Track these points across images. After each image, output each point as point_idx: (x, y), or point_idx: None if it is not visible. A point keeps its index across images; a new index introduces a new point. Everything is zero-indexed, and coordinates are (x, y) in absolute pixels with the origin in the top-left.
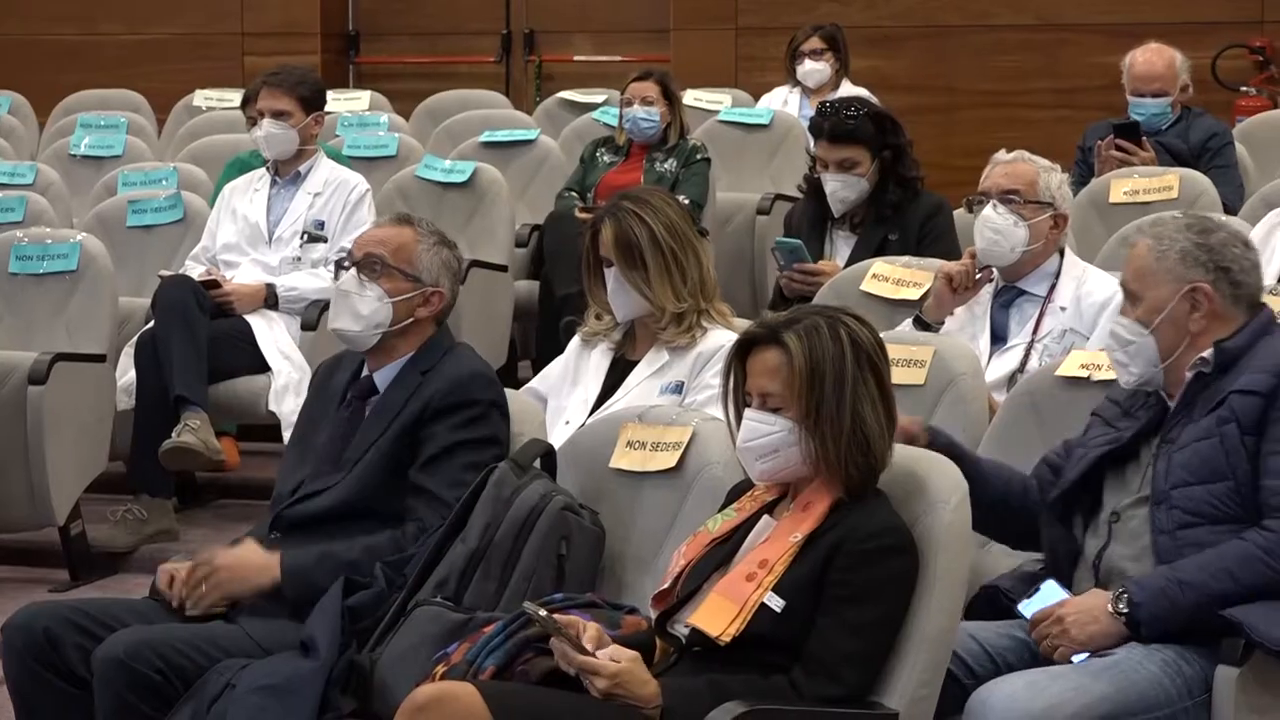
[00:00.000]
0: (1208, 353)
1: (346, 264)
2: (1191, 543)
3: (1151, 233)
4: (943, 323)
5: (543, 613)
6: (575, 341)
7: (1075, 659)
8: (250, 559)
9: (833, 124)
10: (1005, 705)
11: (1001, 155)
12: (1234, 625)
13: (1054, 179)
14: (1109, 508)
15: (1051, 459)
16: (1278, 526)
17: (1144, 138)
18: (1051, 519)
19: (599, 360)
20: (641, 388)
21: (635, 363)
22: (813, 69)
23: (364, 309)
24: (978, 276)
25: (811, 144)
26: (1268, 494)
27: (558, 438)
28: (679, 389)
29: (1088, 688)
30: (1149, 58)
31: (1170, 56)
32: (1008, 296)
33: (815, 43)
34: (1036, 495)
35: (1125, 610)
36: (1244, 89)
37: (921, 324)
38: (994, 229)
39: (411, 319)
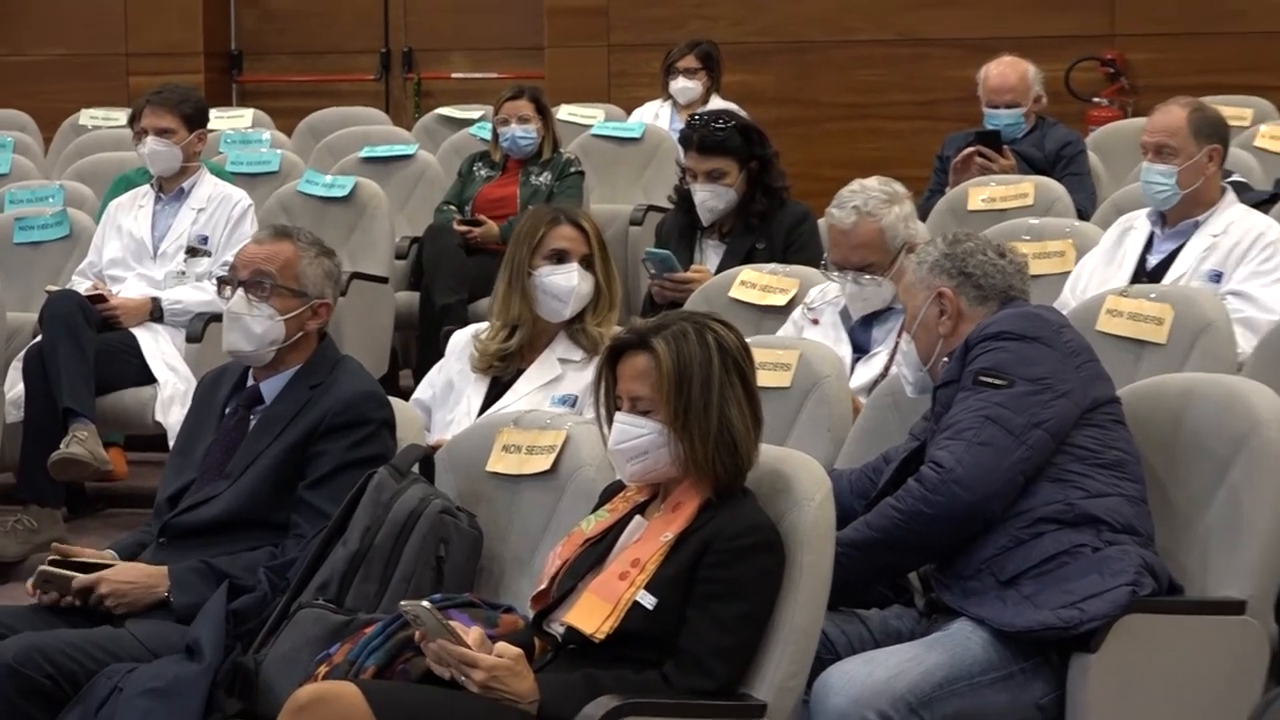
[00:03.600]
0: (946, 358)
1: (233, 283)
2: None
3: (917, 250)
4: None
5: (425, 605)
6: (456, 355)
7: None
8: (138, 580)
9: (701, 136)
10: (847, 681)
11: (842, 222)
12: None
13: (900, 226)
14: None
15: (889, 454)
16: (911, 481)
17: (1004, 146)
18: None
19: (479, 378)
20: (529, 399)
21: (518, 375)
22: (686, 86)
23: (257, 329)
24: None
25: (682, 156)
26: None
27: None
28: (574, 402)
29: (922, 658)
30: (1003, 70)
31: (1024, 69)
32: (870, 316)
33: (691, 61)
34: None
35: None
36: (1096, 100)
37: None
38: (863, 299)
39: (301, 333)
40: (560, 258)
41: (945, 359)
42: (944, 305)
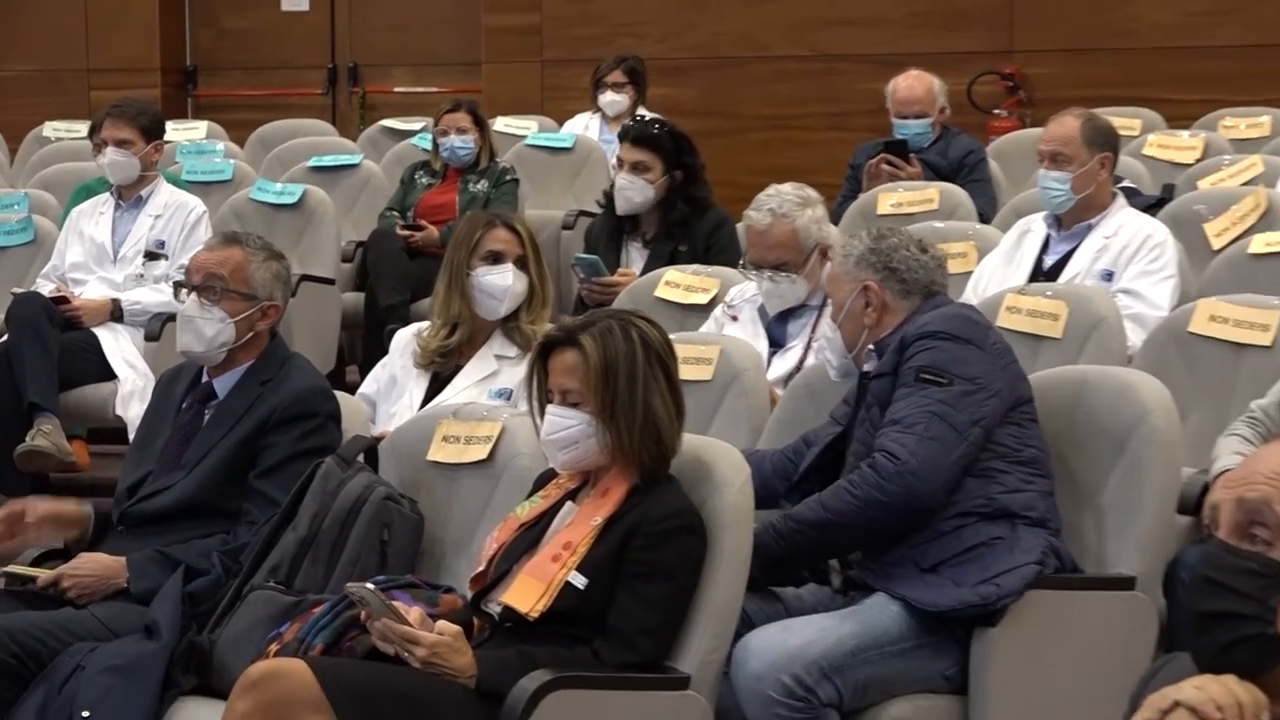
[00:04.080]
0: (871, 347)
1: (187, 287)
2: None
3: (843, 243)
4: None
5: (369, 587)
6: (400, 352)
7: None
8: (99, 573)
9: (638, 129)
10: (765, 647)
11: (759, 224)
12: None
13: (813, 228)
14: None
15: (809, 437)
16: (865, 468)
17: (911, 154)
18: (795, 500)
19: (420, 373)
20: (467, 393)
21: (457, 370)
22: (614, 99)
23: (209, 331)
24: None
25: (611, 165)
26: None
27: None
28: (510, 395)
29: (835, 629)
30: (910, 84)
31: (929, 83)
32: (785, 312)
33: (618, 75)
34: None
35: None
36: (996, 111)
37: None
38: (779, 296)
39: (252, 333)
40: (496, 259)
41: (870, 348)
42: (869, 298)
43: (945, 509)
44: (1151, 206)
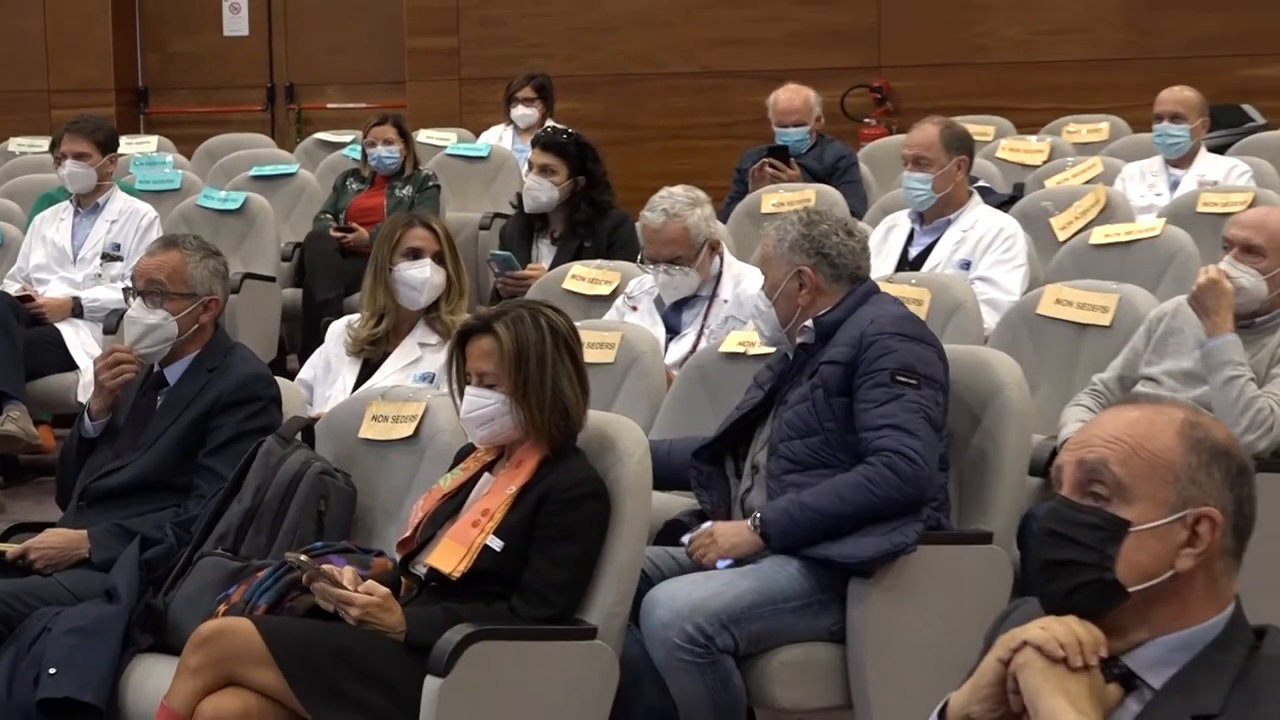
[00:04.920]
0: (808, 323)
1: (133, 292)
2: (792, 485)
3: (775, 225)
4: None
5: (304, 558)
6: (334, 341)
7: (720, 564)
8: (62, 545)
9: (548, 137)
10: (670, 598)
11: (653, 222)
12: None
13: (702, 225)
14: (751, 459)
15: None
16: (876, 461)
17: (791, 159)
18: (701, 467)
19: (353, 360)
20: (395, 377)
21: (385, 356)
22: (524, 113)
23: (154, 329)
24: None
25: (524, 172)
26: (865, 442)
27: None
28: (432, 379)
29: (736, 584)
30: (789, 96)
31: (806, 95)
32: (680, 301)
33: (528, 91)
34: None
35: (759, 525)
36: (866, 120)
37: None
38: (674, 287)
39: (196, 326)
40: (415, 254)
41: (809, 324)
42: (803, 281)
43: None
44: (1004, 203)
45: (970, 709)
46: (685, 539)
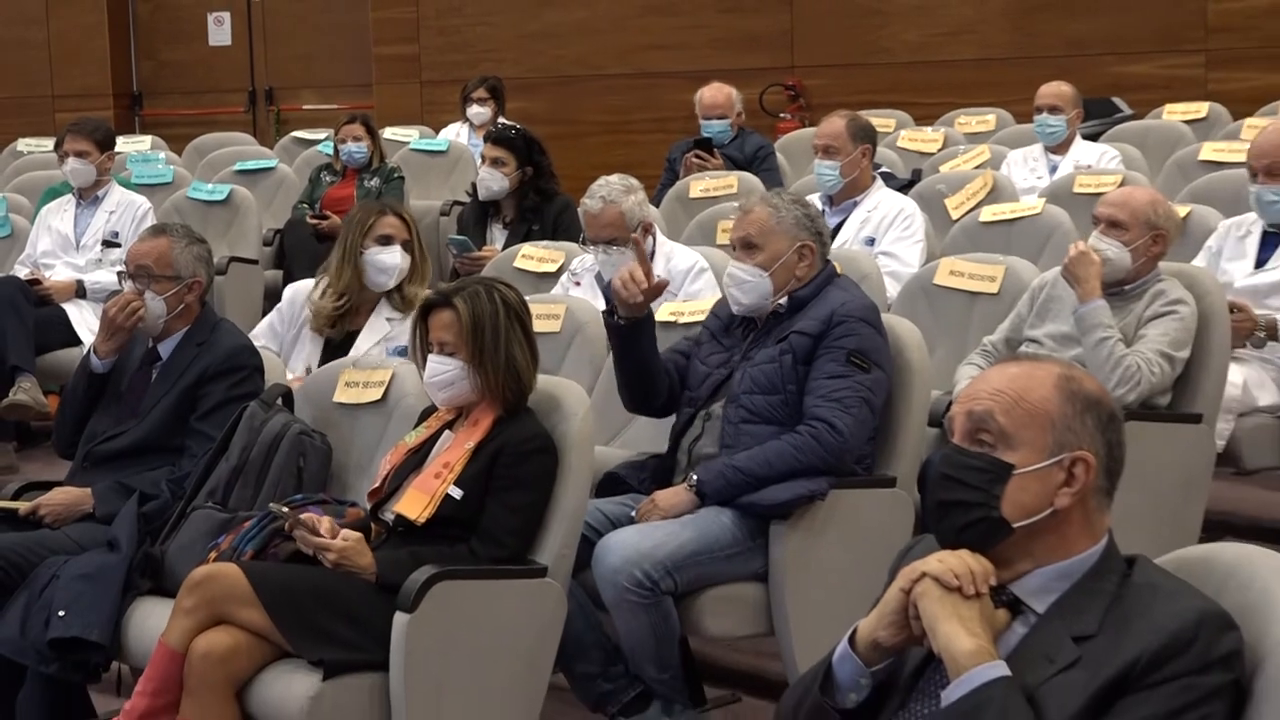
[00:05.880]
0: (783, 299)
1: (125, 275)
2: (747, 434)
3: (770, 202)
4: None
5: (285, 510)
6: (298, 304)
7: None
8: (69, 502)
9: (498, 133)
10: (620, 546)
11: (593, 208)
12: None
13: (636, 210)
14: (704, 408)
15: (680, 346)
16: (804, 431)
17: (715, 150)
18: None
19: (314, 337)
20: (371, 353)
21: (353, 334)
22: (479, 111)
23: (146, 309)
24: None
25: (478, 164)
26: (807, 407)
27: None
28: (405, 352)
29: (678, 534)
30: (713, 93)
31: (728, 92)
32: None
33: (482, 92)
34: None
35: (695, 486)
36: (782, 115)
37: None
38: (611, 265)
39: (183, 305)
40: (387, 241)
41: (779, 301)
42: (805, 255)
43: None
44: (903, 187)
45: (877, 634)
46: (633, 513)
